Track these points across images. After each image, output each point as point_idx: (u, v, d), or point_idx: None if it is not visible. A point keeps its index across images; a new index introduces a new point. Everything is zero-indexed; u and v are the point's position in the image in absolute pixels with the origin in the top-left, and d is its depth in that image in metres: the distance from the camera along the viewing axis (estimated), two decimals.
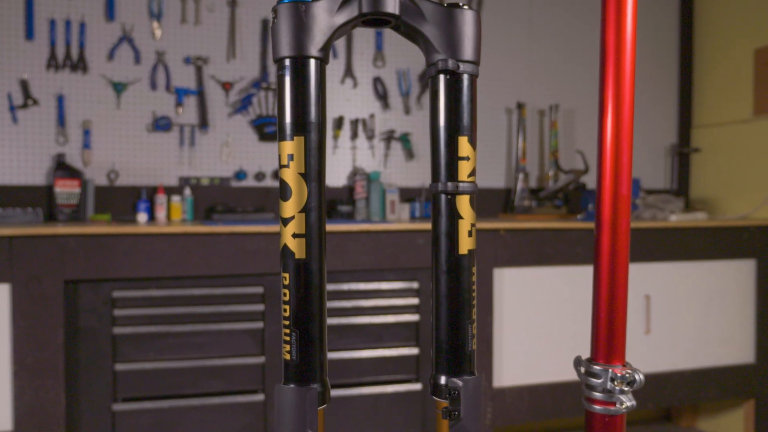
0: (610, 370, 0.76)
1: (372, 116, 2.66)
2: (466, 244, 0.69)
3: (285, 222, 0.66)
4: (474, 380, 0.68)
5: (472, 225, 0.69)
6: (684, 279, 2.47)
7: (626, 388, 0.75)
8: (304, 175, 0.65)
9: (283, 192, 0.66)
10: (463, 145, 0.68)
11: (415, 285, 2.19)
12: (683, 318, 2.46)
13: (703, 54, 3.04)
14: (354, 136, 2.65)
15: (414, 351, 2.19)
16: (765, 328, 2.56)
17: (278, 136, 0.66)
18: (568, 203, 2.72)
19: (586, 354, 0.82)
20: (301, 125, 0.65)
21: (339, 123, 2.63)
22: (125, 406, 1.99)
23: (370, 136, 2.66)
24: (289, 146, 0.65)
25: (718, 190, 2.94)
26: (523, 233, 2.26)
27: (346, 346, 2.14)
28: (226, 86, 2.51)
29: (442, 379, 0.70)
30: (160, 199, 2.36)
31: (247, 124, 2.54)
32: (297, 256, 0.65)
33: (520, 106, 2.77)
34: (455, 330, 0.69)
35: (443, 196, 0.68)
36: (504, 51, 2.82)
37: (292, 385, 0.66)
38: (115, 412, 1.98)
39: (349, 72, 2.64)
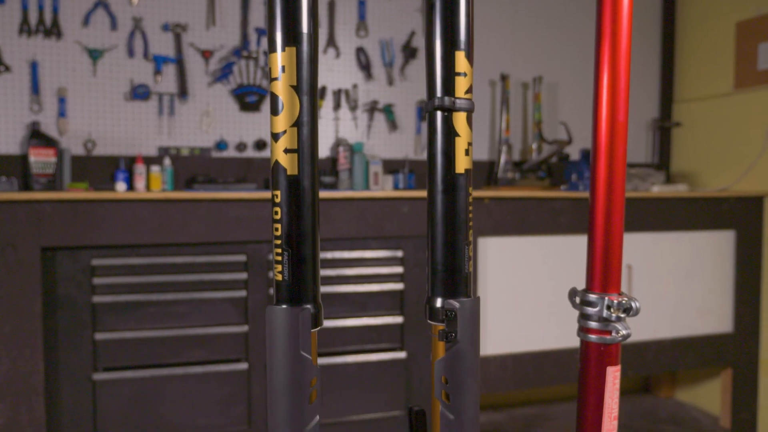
0: (606, 298, 0.75)
1: (355, 87, 2.63)
2: (462, 163, 0.67)
3: (276, 137, 0.63)
4: (471, 302, 0.67)
5: (469, 144, 0.68)
6: (665, 249, 2.49)
7: (622, 315, 0.75)
8: (296, 88, 0.63)
9: (274, 106, 0.63)
10: (460, 61, 0.66)
11: (399, 254, 2.18)
12: (664, 288, 2.48)
13: (685, 28, 3.05)
14: (337, 106, 2.62)
15: (398, 320, 2.18)
16: (743, 298, 2.60)
17: (269, 48, 0.64)
18: (551, 175, 2.73)
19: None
20: (292, 36, 0.62)
21: (322, 93, 2.60)
22: (106, 376, 1.95)
23: (353, 107, 2.63)
24: (281, 57, 0.62)
25: (699, 164, 2.97)
26: (507, 202, 2.25)
27: (330, 314, 2.13)
28: (206, 54, 2.46)
29: (438, 302, 0.68)
30: (139, 169, 2.31)
31: (227, 94, 2.50)
32: (289, 172, 0.63)
33: (504, 78, 2.76)
34: (451, 251, 0.67)
35: (439, 114, 0.67)
36: (488, 21, 2.80)
37: (284, 306, 0.64)
38: (95, 381, 1.94)
39: (331, 42, 2.61)
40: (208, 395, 2.03)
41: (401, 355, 2.18)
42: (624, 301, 0.75)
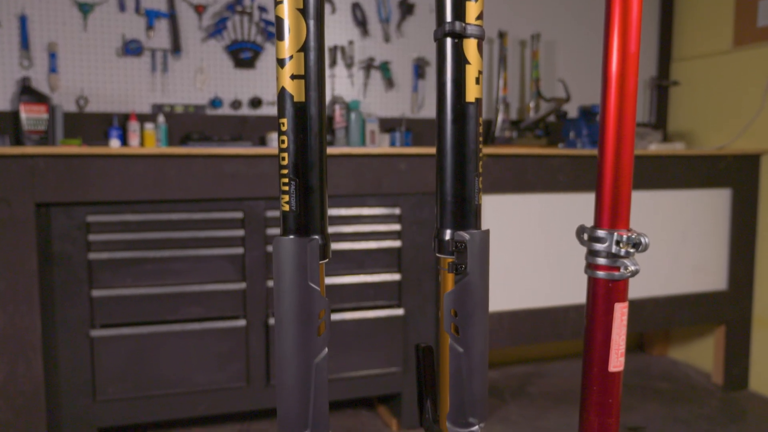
0: (615, 233, 0.75)
1: (351, 43, 2.59)
2: (473, 92, 0.65)
3: (282, 63, 0.62)
4: (481, 234, 0.66)
5: (480, 72, 0.66)
6: (661, 207, 2.50)
7: (632, 251, 0.74)
8: (303, 11, 0.61)
9: (280, 30, 0.61)
10: None
11: (397, 211, 2.17)
12: (660, 245, 2.49)
13: None
14: (333, 63, 2.57)
15: (396, 277, 2.18)
16: (738, 256, 2.61)
17: None
18: (548, 134, 2.71)
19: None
20: None
21: None
22: (103, 332, 1.95)
23: (349, 64, 2.59)
24: None
25: (696, 123, 2.96)
26: (505, 160, 2.24)
27: (328, 272, 2.12)
28: (199, 9, 2.40)
29: (447, 234, 0.67)
30: (133, 126, 2.28)
31: (221, 50, 2.45)
32: (296, 99, 0.61)
33: (502, 35, 2.72)
34: (461, 182, 0.66)
35: (449, 40, 0.65)
36: None
37: (291, 237, 0.63)
38: (93, 338, 1.94)
39: None
40: (206, 352, 2.04)
41: (399, 312, 2.19)
42: (633, 236, 0.74)
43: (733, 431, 2.28)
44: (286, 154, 0.62)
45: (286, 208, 0.63)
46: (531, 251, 2.32)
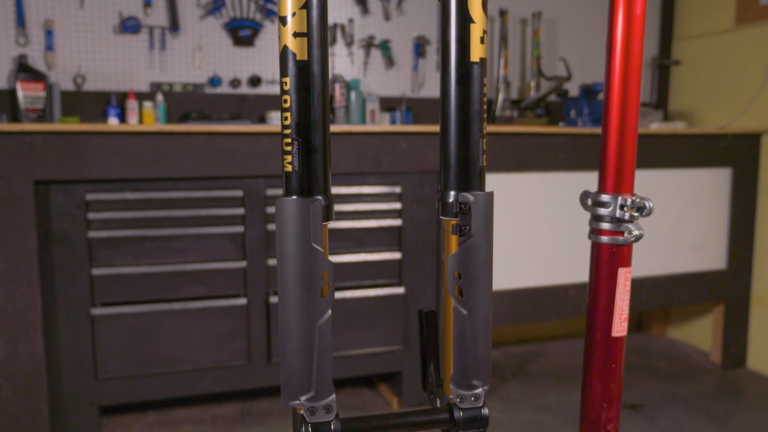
0: (620, 197, 0.74)
1: (351, 21, 2.56)
2: (478, 52, 0.65)
3: (284, 20, 0.61)
4: (485, 195, 0.66)
5: (485, 31, 0.65)
6: (662, 186, 2.49)
7: (636, 215, 0.74)
8: None
9: None
10: None
11: (397, 189, 2.16)
12: (659, 224, 2.49)
13: None
14: (332, 42, 2.55)
15: (396, 255, 2.18)
16: (737, 235, 2.62)
17: None
18: (549, 113, 2.69)
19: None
20: None
21: None
22: (104, 311, 1.95)
23: (349, 43, 2.57)
24: None
25: (698, 103, 2.94)
26: (505, 138, 2.23)
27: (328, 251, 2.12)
28: None
29: (451, 196, 0.67)
30: (132, 104, 2.26)
31: (220, 27, 2.43)
32: (298, 57, 0.60)
33: (503, 13, 2.69)
34: (465, 143, 0.65)
35: None
36: None
37: (294, 197, 0.62)
38: (94, 316, 1.94)
39: None
40: (207, 330, 2.04)
41: (399, 290, 2.19)
42: (638, 200, 0.74)
43: (730, 408, 2.29)
44: (288, 114, 0.62)
45: (289, 168, 0.62)
46: (531, 230, 2.32)
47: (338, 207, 2.11)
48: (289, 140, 0.62)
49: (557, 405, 2.30)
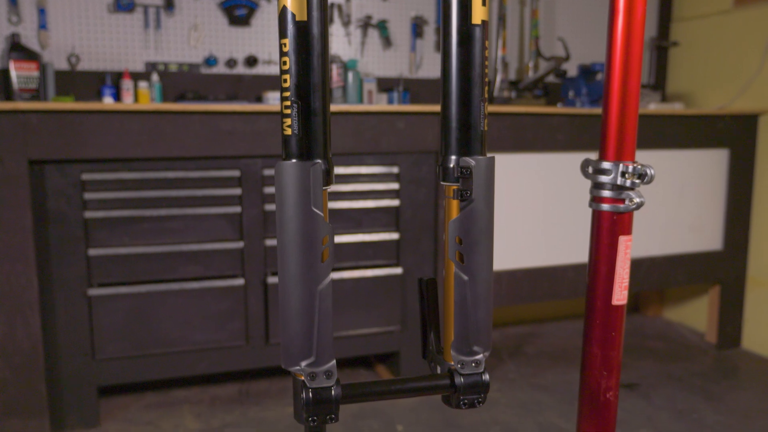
0: (621, 164, 0.74)
1: (348, 0, 2.54)
2: (479, 14, 0.64)
3: None
4: (487, 160, 0.65)
5: None
6: (659, 167, 2.48)
7: (637, 181, 0.74)
8: None
9: None
10: None
11: (395, 170, 2.15)
12: (656, 205, 2.49)
13: None
14: (329, 21, 2.53)
15: (394, 236, 2.18)
16: (734, 216, 2.62)
17: None
18: (547, 94, 2.68)
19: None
20: None
21: None
22: (101, 291, 1.95)
23: (346, 22, 2.55)
24: None
25: (696, 85, 2.93)
26: (503, 118, 2.22)
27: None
28: None
29: (452, 161, 0.66)
30: (127, 84, 2.24)
31: (216, 6, 2.40)
32: (298, 18, 0.60)
33: None
34: (467, 107, 0.65)
35: None
36: None
37: (294, 161, 0.61)
38: (91, 296, 1.94)
39: None
40: (204, 311, 2.04)
41: (397, 270, 2.19)
42: (639, 167, 0.73)
43: (725, 387, 2.31)
44: (287, 76, 0.61)
45: (288, 131, 0.62)
46: (529, 211, 2.32)
47: (335, 187, 2.10)
48: (288, 103, 0.61)
49: (554, 384, 2.31)
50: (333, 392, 0.65)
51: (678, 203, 2.53)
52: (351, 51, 2.57)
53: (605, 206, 0.75)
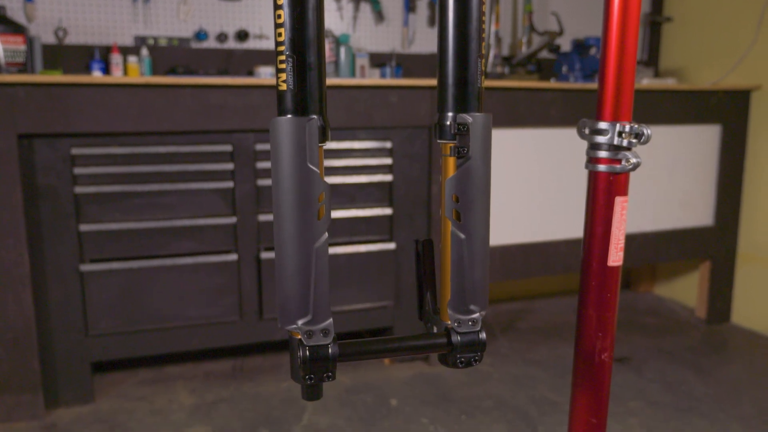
0: (618, 124, 0.73)
1: None
2: None
3: None
4: (484, 116, 0.65)
5: None
6: (651, 143, 2.49)
7: (634, 141, 0.73)
8: None
9: None
10: None
11: (388, 144, 2.14)
12: (648, 181, 2.50)
13: None
14: None
15: (387, 211, 2.17)
16: (725, 192, 2.63)
17: None
18: (541, 70, 2.67)
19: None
20: None
21: None
22: (93, 267, 1.93)
23: None
24: None
25: (689, 60, 2.93)
26: (496, 93, 2.21)
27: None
28: None
29: (449, 118, 0.66)
30: (116, 59, 2.21)
31: None
32: None
33: None
34: (464, 63, 0.64)
35: None
36: None
37: (289, 116, 0.61)
38: (83, 272, 1.93)
39: None
40: (198, 286, 2.03)
41: (390, 246, 2.19)
42: (636, 127, 0.73)
43: (714, 361, 2.34)
44: (282, 30, 0.60)
45: (283, 87, 0.61)
46: (523, 186, 2.32)
47: (329, 162, 2.09)
48: (283, 57, 0.60)
49: (546, 359, 2.33)
50: (330, 350, 0.64)
51: (670, 179, 2.54)
52: (343, 26, 2.55)
53: (602, 167, 0.75)
